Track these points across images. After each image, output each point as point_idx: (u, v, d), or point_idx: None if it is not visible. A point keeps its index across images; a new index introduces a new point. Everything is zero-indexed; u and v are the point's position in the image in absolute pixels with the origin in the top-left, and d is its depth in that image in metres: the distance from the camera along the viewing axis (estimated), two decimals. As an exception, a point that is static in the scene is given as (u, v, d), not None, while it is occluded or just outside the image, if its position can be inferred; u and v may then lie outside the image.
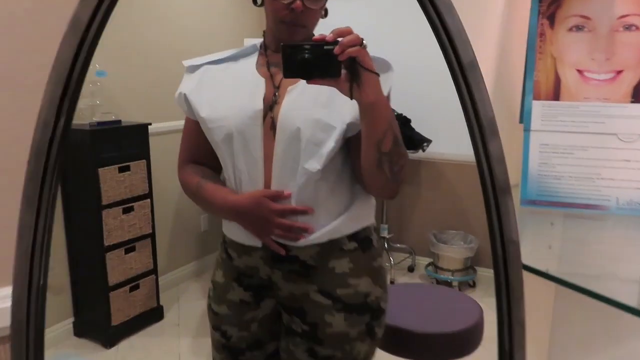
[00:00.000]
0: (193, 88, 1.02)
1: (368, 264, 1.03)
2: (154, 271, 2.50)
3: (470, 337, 1.59)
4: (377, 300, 1.02)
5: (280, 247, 0.97)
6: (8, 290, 0.70)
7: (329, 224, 0.98)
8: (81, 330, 2.39)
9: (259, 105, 0.96)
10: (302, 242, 0.97)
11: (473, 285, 2.94)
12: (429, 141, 2.89)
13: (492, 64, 1.50)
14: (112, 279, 2.30)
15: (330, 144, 0.93)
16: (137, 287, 2.42)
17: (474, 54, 0.65)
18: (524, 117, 1.17)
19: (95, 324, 2.36)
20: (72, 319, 2.40)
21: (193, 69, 1.05)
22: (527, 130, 1.17)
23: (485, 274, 2.97)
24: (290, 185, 0.96)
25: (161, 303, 2.56)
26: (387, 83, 0.93)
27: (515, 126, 1.25)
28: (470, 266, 2.92)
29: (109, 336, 2.31)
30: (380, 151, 0.87)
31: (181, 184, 1.08)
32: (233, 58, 1.05)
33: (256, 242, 1.00)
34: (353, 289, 1.00)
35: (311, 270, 1.00)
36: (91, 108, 2.32)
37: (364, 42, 0.79)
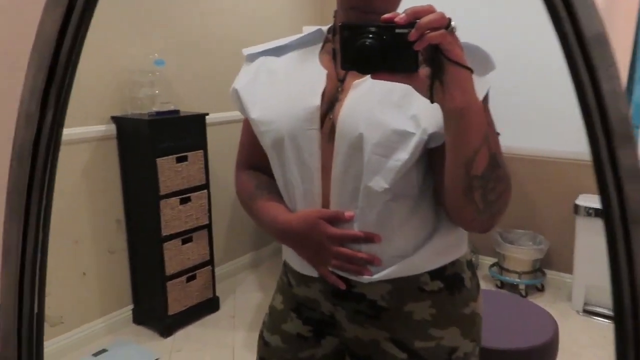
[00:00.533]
0: (246, 83, 0.87)
1: (456, 310, 0.82)
2: (211, 262, 2.49)
3: (544, 356, 1.45)
4: (465, 357, 0.83)
5: (339, 280, 0.80)
6: None
7: (404, 257, 0.79)
8: (140, 317, 2.43)
9: (316, 102, 0.78)
10: (367, 278, 0.79)
11: (542, 289, 2.74)
12: (497, 133, 2.69)
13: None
14: (170, 269, 2.31)
15: (403, 156, 0.73)
16: (193, 277, 2.42)
17: (602, 23, 0.45)
18: (633, 111, 1.00)
19: (153, 313, 2.39)
20: (131, 306, 2.45)
21: (251, 58, 0.89)
22: (637, 126, 1.00)
23: (556, 278, 2.75)
24: (353, 205, 0.77)
25: (217, 294, 2.56)
26: (485, 84, 0.72)
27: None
28: (538, 269, 2.72)
29: (166, 325, 2.33)
30: (470, 174, 0.66)
31: (236, 191, 0.95)
32: (295, 46, 0.87)
33: (312, 272, 0.84)
34: (435, 342, 0.81)
35: (382, 312, 0.82)
36: (150, 98, 2.32)
37: (452, 24, 0.58)
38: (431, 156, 0.77)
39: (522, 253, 2.66)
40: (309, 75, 0.82)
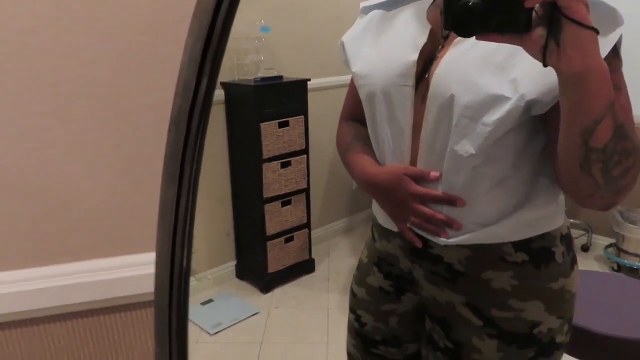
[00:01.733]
0: (353, 36, 0.87)
1: (542, 284, 0.78)
2: (308, 225, 2.57)
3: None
4: (549, 334, 0.78)
5: (416, 238, 0.80)
6: (151, 256, 0.66)
7: (486, 225, 0.75)
8: (242, 273, 2.59)
9: (412, 58, 0.75)
10: (443, 240, 0.77)
11: (667, 276, 2.46)
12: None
13: None
14: (270, 230, 2.42)
15: (494, 121, 0.68)
16: (291, 239, 2.51)
17: None
18: None
19: (254, 269, 2.53)
20: (234, 262, 2.61)
21: (365, 10, 0.88)
22: None
23: (686, 265, 2.45)
24: (440, 167, 0.75)
25: (313, 256, 2.64)
26: (608, 42, 0.64)
27: None
28: (665, 253, 2.44)
29: (266, 282, 2.46)
30: (588, 146, 0.60)
31: (336, 141, 0.98)
32: (407, 0, 0.84)
33: (393, 226, 0.85)
34: (514, 313, 0.77)
35: (459, 277, 0.80)
36: (256, 64, 2.39)
37: None
38: (538, 122, 0.71)
39: (646, 235, 2.39)
40: (412, 29, 0.79)
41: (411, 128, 0.78)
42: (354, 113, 0.94)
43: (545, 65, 0.56)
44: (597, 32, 0.53)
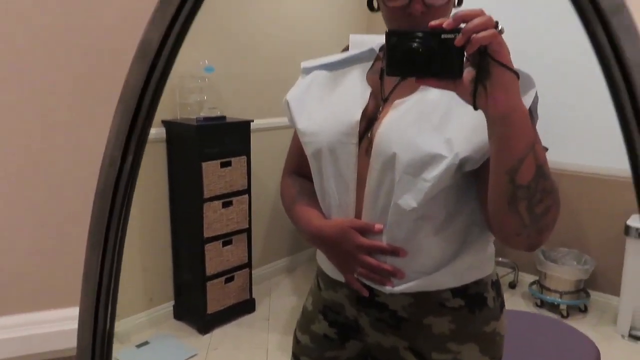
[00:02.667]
0: (297, 95, 0.91)
1: (477, 328, 0.84)
2: (249, 265, 2.57)
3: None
4: None
5: (363, 287, 0.84)
6: (75, 311, 0.67)
7: (427, 274, 0.81)
8: (180, 313, 2.53)
9: (356, 117, 0.81)
10: (389, 289, 0.82)
11: (584, 310, 2.64)
12: (545, 149, 2.62)
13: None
14: (210, 270, 2.39)
15: (433, 177, 0.74)
16: (232, 278, 2.50)
17: None
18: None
19: (192, 310, 2.48)
20: (172, 302, 2.55)
21: (306, 71, 0.93)
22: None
23: (600, 299, 2.65)
24: (383, 219, 0.81)
25: (253, 296, 2.63)
26: (528, 97, 0.72)
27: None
28: (582, 289, 2.63)
29: (205, 323, 2.42)
30: (515, 184, 0.65)
31: (280, 194, 1.01)
32: (347, 62, 0.90)
33: (339, 276, 0.88)
34: (452, 355, 0.83)
35: (403, 323, 0.85)
36: (199, 103, 2.41)
37: (499, 25, 0.58)
38: (470, 177, 0.78)
39: (566, 272, 2.58)
40: (353, 91, 0.86)
41: (355, 183, 0.83)
42: (298, 167, 0.98)
43: (475, 108, 0.62)
44: (518, 76, 0.60)
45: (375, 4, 0.83)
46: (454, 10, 0.78)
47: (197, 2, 0.55)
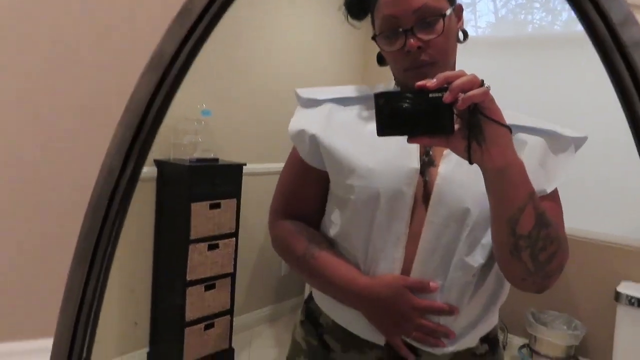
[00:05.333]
0: (323, 128, 0.81)
1: None
2: (230, 311, 2.47)
3: None
4: None
5: (409, 352, 0.78)
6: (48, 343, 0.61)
7: (472, 328, 0.79)
8: (154, 361, 2.40)
9: (414, 164, 0.76)
10: (439, 350, 0.78)
11: (576, 378, 2.55)
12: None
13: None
14: (190, 315, 2.30)
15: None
16: (212, 325, 2.39)
17: None
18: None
19: (167, 358, 2.36)
20: (147, 349, 2.42)
21: (313, 103, 0.85)
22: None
23: (592, 368, 2.57)
24: (437, 276, 0.76)
25: (233, 345, 2.51)
26: (567, 163, 0.79)
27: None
28: (573, 355, 2.55)
29: (179, 373, 2.29)
30: (516, 234, 0.65)
31: (277, 243, 0.90)
32: (359, 100, 0.84)
33: (378, 339, 0.80)
34: None
35: None
36: (193, 145, 2.41)
37: (484, 83, 0.60)
38: None
39: (556, 337, 2.51)
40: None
41: (407, 235, 0.77)
42: (293, 209, 0.89)
43: (471, 162, 0.62)
44: (510, 130, 0.61)
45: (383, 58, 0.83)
46: (459, 46, 0.79)
47: (216, 15, 0.55)
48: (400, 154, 0.77)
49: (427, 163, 0.78)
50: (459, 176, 0.75)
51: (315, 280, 0.86)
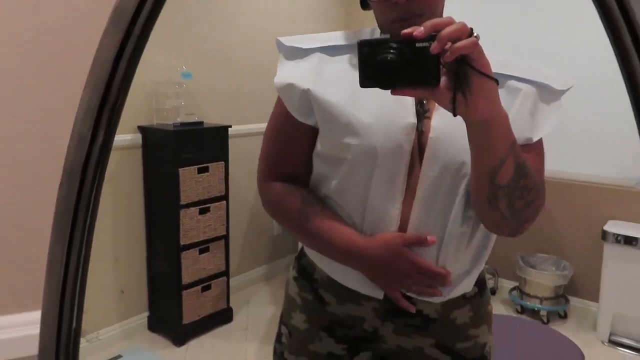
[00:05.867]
0: (314, 82, 0.77)
1: (485, 309, 0.88)
2: (226, 273, 2.50)
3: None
4: (490, 351, 0.88)
5: (410, 304, 0.80)
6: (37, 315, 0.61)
7: (468, 274, 0.81)
8: (154, 325, 2.45)
9: (411, 119, 0.73)
10: (437, 298, 0.80)
11: (564, 316, 2.64)
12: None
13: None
14: (186, 278, 2.32)
15: None
16: (208, 287, 2.43)
17: None
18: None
19: (167, 321, 2.40)
20: (147, 313, 2.47)
21: (298, 54, 0.80)
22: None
23: (580, 305, 2.66)
24: (436, 229, 0.76)
25: (231, 305, 2.56)
26: (555, 113, 0.76)
27: None
28: (562, 295, 2.63)
29: (180, 334, 2.34)
30: (495, 184, 0.66)
31: (270, 207, 0.88)
32: (353, 49, 0.78)
33: (377, 293, 0.81)
34: (473, 340, 0.85)
35: (431, 323, 0.83)
36: (176, 109, 2.37)
37: (474, 32, 0.56)
38: None
39: (545, 278, 2.58)
40: None
41: (403, 190, 0.76)
42: (282, 170, 0.86)
43: (455, 115, 0.60)
44: (497, 82, 0.59)
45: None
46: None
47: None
48: (396, 106, 0.75)
49: (421, 114, 0.76)
50: (453, 128, 0.71)
51: (313, 243, 0.85)
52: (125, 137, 2.29)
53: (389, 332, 0.84)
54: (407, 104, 0.75)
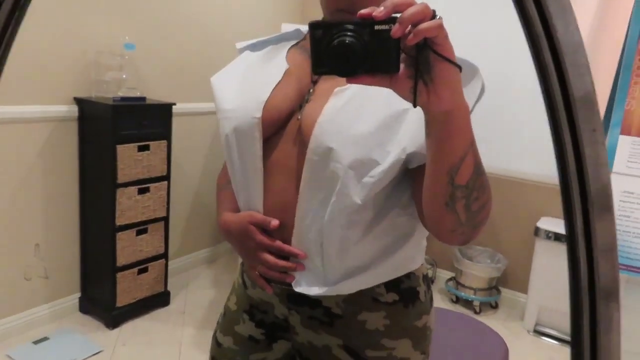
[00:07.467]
0: (221, 76, 0.85)
1: (410, 322, 0.82)
2: (165, 255, 2.43)
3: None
4: None
5: (267, 284, 0.81)
6: None
7: (363, 270, 0.77)
8: (86, 307, 2.36)
9: (263, 96, 0.76)
10: (317, 292, 0.77)
11: (495, 306, 2.77)
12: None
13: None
14: (121, 260, 2.24)
15: (379, 173, 0.70)
16: (145, 270, 2.36)
17: (592, 82, 0.39)
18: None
19: (100, 303, 2.32)
20: (78, 294, 2.37)
21: (239, 52, 0.89)
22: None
23: (510, 297, 2.79)
24: (320, 212, 0.74)
25: (169, 289, 2.50)
26: (473, 93, 0.69)
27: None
28: (494, 286, 2.75)
29: (113, 317, 2.26)
30: (454, 183, 0.61)
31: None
32: (272, 42, 0.86)
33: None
34: (387, 352, 0.81)
35: (336, 319, 0.81)
36: (117, 82, 2.25)
37: (436, 14, 0.51)
38: (412, 173, 0.74)
39: (480, 270, 2.68)
40: (269, 69, 0.80)
41: (262, 172, 0.77)
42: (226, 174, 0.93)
43: (415, 105, 0.55)
44: (460, 69, 0.54)
45: None
46: None
47: None
48: (256, 87, 0.78)
49: (306, 102, 0.76)
50: (339, 119, 0.71)
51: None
52: (60, 107, 2.15)
53: (297, 324, 0.84)
54: (268, 84, 0.77)
